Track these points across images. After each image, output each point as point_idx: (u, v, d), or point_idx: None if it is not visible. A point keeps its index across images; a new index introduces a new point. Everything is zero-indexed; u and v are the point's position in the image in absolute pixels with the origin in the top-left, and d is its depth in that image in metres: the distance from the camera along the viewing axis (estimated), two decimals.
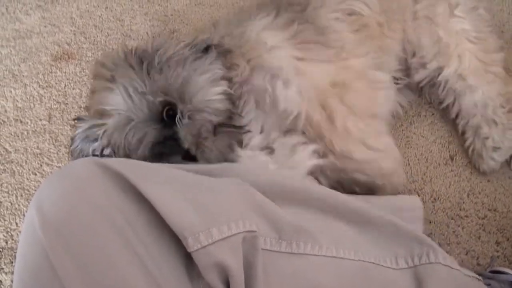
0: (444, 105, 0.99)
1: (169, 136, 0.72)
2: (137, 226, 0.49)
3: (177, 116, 0.73)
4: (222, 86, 0.76)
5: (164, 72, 0.74)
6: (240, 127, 0.76)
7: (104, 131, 0.74)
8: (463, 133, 0.98)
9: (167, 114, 0.73)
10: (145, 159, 0.72)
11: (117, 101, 0.74)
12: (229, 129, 0.75)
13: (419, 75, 0.97)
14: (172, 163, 0.74)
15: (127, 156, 0.73)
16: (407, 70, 0.98)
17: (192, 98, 0.74)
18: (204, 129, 0.73)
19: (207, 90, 0.75)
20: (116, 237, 0.47)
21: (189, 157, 0.73)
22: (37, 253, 0.47)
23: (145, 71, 0.74)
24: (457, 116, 0.98)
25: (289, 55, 0.82)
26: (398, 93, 0.97)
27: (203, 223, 0.50)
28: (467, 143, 0.96)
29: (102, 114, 0.75)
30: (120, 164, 0.52)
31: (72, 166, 0.53)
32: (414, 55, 0.96)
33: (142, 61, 0.75)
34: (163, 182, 0.53)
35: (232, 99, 0.76)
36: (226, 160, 0.73)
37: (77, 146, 0.79)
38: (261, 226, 0.56)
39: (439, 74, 0.94)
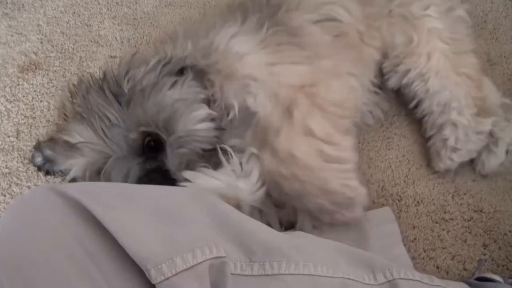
0: (413, 104, 0.95)
1: (153, 169, 0.71)
2: (98, 258, 0.47)
3: (165, 147, 0.71)
4: (204, 110, 0.74)
5: (138, 101, 0.72)
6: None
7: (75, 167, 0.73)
8: (426, 131, 0.95)
9: (147, 146, 0.71)
10: None
11: (88, 134, 0.72)
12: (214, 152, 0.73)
13: (392, 81, 0.94)
14: None
15: None
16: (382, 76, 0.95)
17: (176, 127, 0.72)
18: (192, 157, 0.72)
19: (190, 117, 0.73)
20: (76, 272, 0.45)
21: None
22: None
23: (116, 100, 0.71)
24: (423, 116, 0.94)
25: (261, 61, 0.79)
26: (380, 99, 0.96)
27: (165, 252, 0.48)
28: (430, 142, 0.93)
29: (70, 146, 0.73)
30: (80, 191, 0.50)
31: (30, 196, 0.52)
32: (387, 57, 0.93)
33: (113, 89, 0.72)
34: (124, 206, 0.51)
35: (215, 119, 0.75)
36: None
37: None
38: (229, 249, 0.53)
39: (407, 74, 0.91)
